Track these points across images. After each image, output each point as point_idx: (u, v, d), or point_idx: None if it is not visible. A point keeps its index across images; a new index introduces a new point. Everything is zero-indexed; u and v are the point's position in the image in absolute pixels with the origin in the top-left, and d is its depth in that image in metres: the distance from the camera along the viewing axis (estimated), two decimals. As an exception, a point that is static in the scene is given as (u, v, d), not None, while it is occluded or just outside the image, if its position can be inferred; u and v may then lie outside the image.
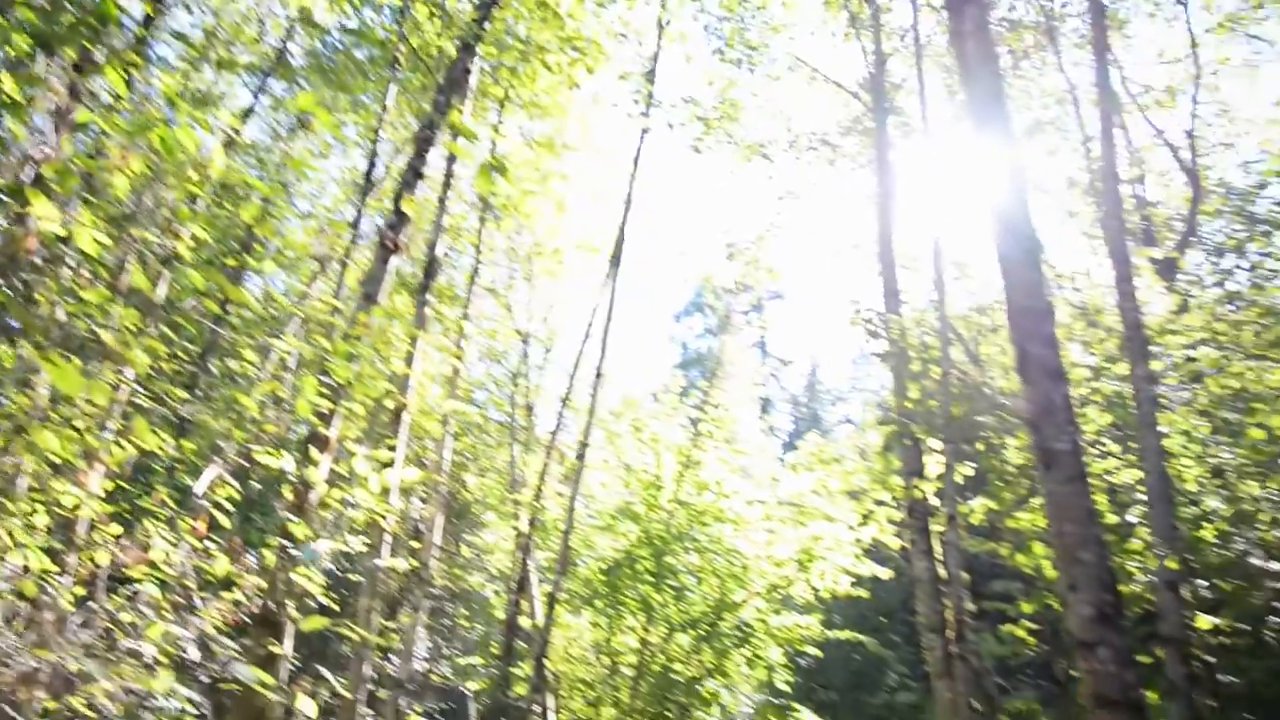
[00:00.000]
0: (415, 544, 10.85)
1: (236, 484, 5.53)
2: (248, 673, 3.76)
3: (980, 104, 5.55)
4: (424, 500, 11.93)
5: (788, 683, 11.23)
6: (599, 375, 10.34)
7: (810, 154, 13.26)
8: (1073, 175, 13.79)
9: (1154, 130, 13.61)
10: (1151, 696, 5.95)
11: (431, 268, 8.87)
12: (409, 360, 7.98)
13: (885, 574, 10.46)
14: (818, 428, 34.03)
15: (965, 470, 8.21)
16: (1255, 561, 6.25)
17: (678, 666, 10.88)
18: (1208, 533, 6.58)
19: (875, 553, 10.86)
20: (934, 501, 7.96)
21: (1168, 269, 9.99)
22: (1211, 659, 6.25)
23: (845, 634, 13.58)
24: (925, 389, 7.70)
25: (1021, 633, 8.09)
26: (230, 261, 10.25)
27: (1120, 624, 4.86)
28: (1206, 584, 6.34)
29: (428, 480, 11.46)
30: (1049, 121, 13.70)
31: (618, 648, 11.18)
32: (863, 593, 10.65)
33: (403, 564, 9.80)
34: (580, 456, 10.13)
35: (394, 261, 6.26)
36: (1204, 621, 6.11)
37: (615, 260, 10.67)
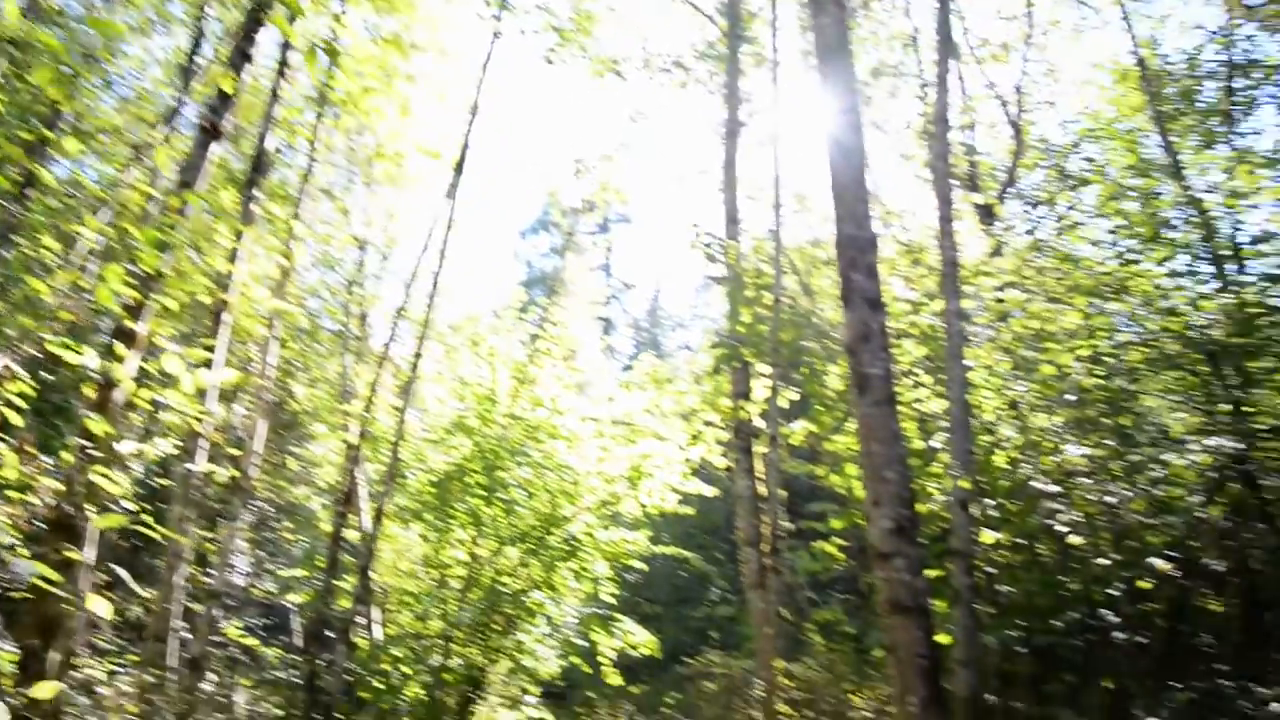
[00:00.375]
0: (236, 452, 10.40)
1: (29, 379, 5.10)
2: (29, 566, 3.53)
3: (826, 39, 5.66)
4: (247, 407, 11.44)
5: (613, 595, 11.56)
6: (436, 286, 10.11)
7: (663, 75, 13.20)
8: (910, 118, 14.36)
9: (987, 82, 14.32)
10: (940, 605, 6.50)
11: (260, 161, 8.33)
12: (233, 257, 7.54)
13: (711, 492, 10.87)
14: (657, 352, 34.68)
15: (790, 394, 8.60)
16: (1037, 485, 6.87)
17: (506, 580, 11.00)
18: (999, 458, 7.17)
19: (703, 472, 11.26)
20: (759, 423, 8.29)
21: (987, 215, 10.63)
22: (993, 571, 6.89)
23: (671, 550, 14.08)
24: (757, 314, 7.96)
25: (832, 549, 8.64)
26: (26, 135, 9.27)
27: (915, 537, 5.25)
28: (994, 504, 6.94)
29: (249, 384, 10.98)
30: (893, 65, 14.15)
31: (446, 561, 11.19)
32: (689, 510, 11.04)
33: (221, 472, 9.40)
34: (414, 367, 9.94)
35: (215, 148, 5.84)
36: (988, 537, 6.71)
37: (459, 169, 10.36)
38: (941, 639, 6.09)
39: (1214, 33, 10.71)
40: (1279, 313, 7.06)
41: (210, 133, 5.74)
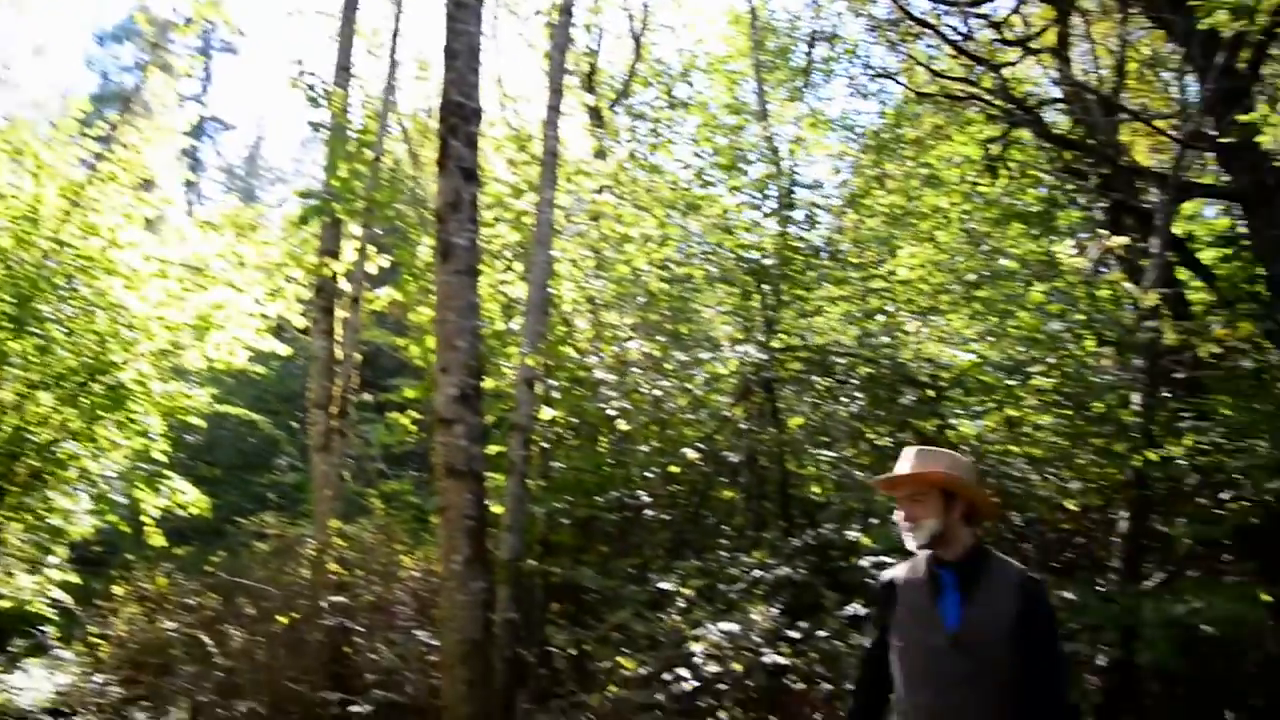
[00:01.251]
0: None
1: None
2: None
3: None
4: None
5: (166, 454, 10.75)
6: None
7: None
8: (540, 5, 14.38)
9: (616, -8, 14.77)
10: (498, 478, 6.91)
11: None
12: None
13: (286, 352, 10.40)
14: (251, 203, 32.08)
15: (380, 260, 8.45)
16: (599, 374, 7.52)
17: (34, 428, 9.75)
18: (569, 348, 7.71)
19: (284, 334, 10.72)
20: (344, 285, 8.08)
21: (596, 118, 11.12)
22: (548, 446, 7.45)
23: (238, 411, 13.29)
24: (355, 170, 7.67)
25: (406, 421, 8.75)
26: None
27: (478, 407, 5.51)
28: (557, 385, 7.48)
29: None
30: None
31: (-45, 404, 9.62)
32: (262, 370, 10.50)
33: None
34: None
35: None
36: (547, 414, 7.23)
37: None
38: (495, 509, 6.49)
39: (811, 2, 12.02)
40: (811, 248, 8.33)
41: None
